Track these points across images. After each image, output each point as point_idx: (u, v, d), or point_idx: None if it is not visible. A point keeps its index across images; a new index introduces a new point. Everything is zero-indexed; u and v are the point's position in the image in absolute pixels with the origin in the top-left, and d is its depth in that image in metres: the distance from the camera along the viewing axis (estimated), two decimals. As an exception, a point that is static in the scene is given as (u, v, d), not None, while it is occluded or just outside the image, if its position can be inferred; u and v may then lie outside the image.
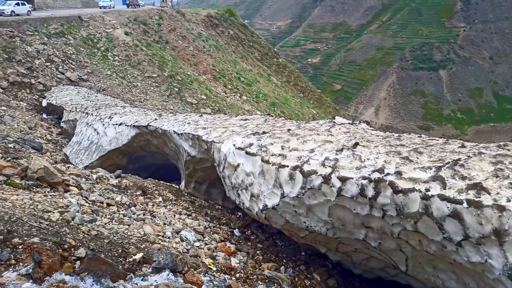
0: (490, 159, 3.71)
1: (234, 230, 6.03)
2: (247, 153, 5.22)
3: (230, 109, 24.42)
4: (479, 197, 3.12)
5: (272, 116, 9.55)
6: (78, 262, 2.66)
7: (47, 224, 2.97)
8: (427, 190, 3.42)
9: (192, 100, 23.42)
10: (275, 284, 4.41)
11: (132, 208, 4.92)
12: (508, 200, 2.98)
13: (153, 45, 27.75)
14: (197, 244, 4.49)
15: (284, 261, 5.54)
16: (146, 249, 3.25)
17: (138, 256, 3.06)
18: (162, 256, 3.10)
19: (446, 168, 3.59)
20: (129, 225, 3.95)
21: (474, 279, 3.44)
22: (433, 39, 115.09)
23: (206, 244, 4.68)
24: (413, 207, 3.46)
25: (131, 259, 3.01)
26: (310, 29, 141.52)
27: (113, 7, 37.30)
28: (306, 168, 4.43)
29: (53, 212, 3.34)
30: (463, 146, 4.39)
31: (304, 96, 44.49)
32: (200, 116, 8.66)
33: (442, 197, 3.27)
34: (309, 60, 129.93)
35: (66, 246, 2.73)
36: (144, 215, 4.75)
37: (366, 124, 6.59)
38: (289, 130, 5.85)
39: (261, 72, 38.60)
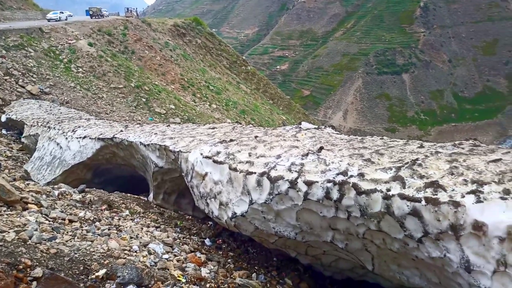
0: (446, 157, 3.87)
1: (205, 240, 5.96)
2: (214, 161, 5.20)
3: (200, 118, 24.28)
4: (436, 195, 3.25)
5: (242, 123, 9.59)
6: (34, 283, 2.54)
7: (0, 245, 2.83)
8: (388, 190, 3.52)
9: (161, 110, 23.12)
10: (247, 291, 4.39)
11: (97, 223, 4.77)
12: (463, 196, 3.12)
13: (118, 55, 27.25)
14: (165, 256, 4.40)
15: (256, 267, 5.53)
16: (110, 265, 3.15)
17: (101, 272, 2.96)
18: (127, 271, 3.02)
19: (405, 168, 3.72)
20: (92, 241, 3.82)
21: (435, 273, 3.56)
22: (395, 44, 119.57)
23: (175, 255, 4.60)
24: (375, 207, 3.55)
25: (93, 276, 2.91)
26: (278, 37, 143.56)
27: (66, 19, 35.21)
28: (273, 174, 4.46)
29: (8, 232, 3.19)
30: (421, 146, 4.56)
31: (273, 102, 44.94)
32: (167, 126, 8.56)
33: (402, 196, 3.38)
34: (278, 67, 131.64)
35: (21, 267, 2.60)
36: (109, 230, 4.62)
37: (332, 128, 6.73)
38: (256, 137, 5.88)
39: (230, 80, 38.70)
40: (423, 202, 3.24)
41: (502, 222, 2.85)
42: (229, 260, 5.42)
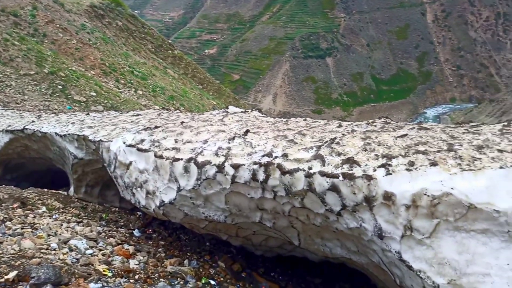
0: (361, 135, 4.15)
1: (134, 231, 5.78)
2: (139, 149, 5.00)
3: (125, 105, 23.07)
4: (352, 170, 3.48)
5: (170, 109, 9.31)
6: None
7: None
8: (310, 168, 3.70)
9: (80, 98, 21.52)
10: (178, 278, 4.37)
11: (7, 223, 4.34)
12: (374, 170, 3.38)
13: (27, 39, 24.66)
14: (89, 251, 4.18)
15: (188, 254, 5.51)
16: (23, 266, 2.91)
17: (12, 275, 2.72)
18: (42, 270, 2.81)
19: (325, 147, 3.93)
20: (1, 243, 3.49)
21: (353, 243, 3.85)
22: (318, 29, 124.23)
23: (100, 250, 4.39)
24: (299, 185, 3.71)
25: (2, 280, 2.66)
26: (205, 20, 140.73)
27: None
28: (200, 159, 4.43)
29: None
30: (340, 126, 4.84)
31: (203, 87, 44.25)
32: (86, 114, 8.02)
33: (322, 173, 3.57)
34: (206, 51, 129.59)
35: None
36: (22, 229, 4.24)
37: (258, 112, 6.83)
38: (182, 122, 5.77)
39: (156, 65, 37.20)
40: (341, 178, 3.46)
41: (408, 191, 3.15)
42: (160, 249, 5.32)
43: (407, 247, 3.19)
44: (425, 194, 3.08)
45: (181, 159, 4.54)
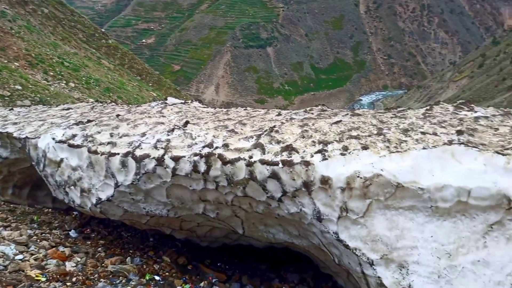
0: (299, 123, 4.27)
1: (70, 232, 5.46)
2: (70, 145, 4.70)
3: (56, 99, 21.51)
4: (291, 157, 3.57)
5: (106, 102, 8.83)
6: None
7: None
8: (250, 157, 3.73)
9: (4, 92, 19.66)
10: (120, 277, 4.22)
11: None
12: (312, 156, 3.50)
13: None
14: (19, 257, 3.88)
15: (131, 251, 5.33)
16: None
17: None
18: (-38, 283, 2.56)
19: (265, 135, 3.98)
20: None
21: (295, 227, 3.98)
22: (258, 18, 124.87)
23: (32, 254, 4.10)
24: (240, 175, 3.74)
25: None
26: (140, 8, 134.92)
27: None
28: (138, 153, 4.27)
29: None
30: (279, 114, 4.94)
31: (142, 79, 42.54)
32: (10, 110, 7.36)
33: (263, 162, 3.63)
34: (144, 40, 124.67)
35: None
36: None
37: (199, 102, 6.74)
38: (118, 115, 5.51)
39: (89, 55, 35.00)
40: (280, 165, 3.53)
41: (342, 175, 3.31)
42: (100, 248, 5.09)
43: (344, 227, 3.37)
44: (358, 177, 3.25)
45: (118, 153, 4.35)
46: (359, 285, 3.68)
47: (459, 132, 3.42)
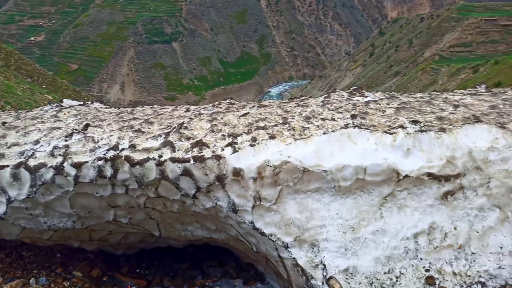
0: (207, 117, 4.26)
1: (-45, 261, 4.73)
2: None
3: None
4: (202, 152, 3.56)
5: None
6: None
7: None
8: (160, 156, 3.63)
9: None
10: (24, 302, 3.80)
11: None
12: (222, 149, 3.53)
13: None
14: None
15: (35, 271, 4.82)
16: None
17: None
18: None
19: (174, 133, 3.90)
20: None
21: (212, 222, 3.99)
22: (160, 13, 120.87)
23: None
24: (151, 175, 3.61)
25: None
26: (25, 3, 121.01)
27: None
28: (32, 163, 3.86)
29: None
30: (187, 110, 4.86)
31: (33, 81, 38.32)
32: None
33: (173, 160, 3.55)
34: (32, 38, 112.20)
35: None
36: None
37: (100, 103, 6.31)
38: (4, 123, 4.89)
39: (-37, 57, 30.41)
40: (192, 161, 3.50)
41: (253, 165, 3.40)
42: (-4, 274, 4.50)
43: (258, 215, 3.47)
44: (267, 165, 3.38)
45: (7, 165, 3.87)
46: (277, 269, 3.84)
47: (353, 116, 3.74)
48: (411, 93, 4.88)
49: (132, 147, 3.80)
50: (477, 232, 3.11)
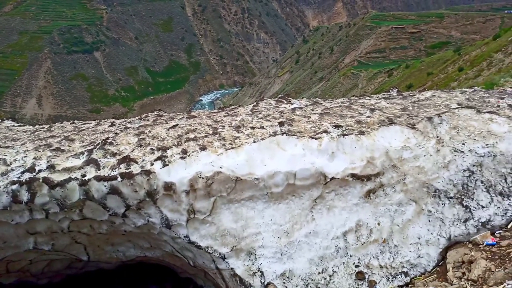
0: (134, 131, 4.10)
1: None
2: None
3: None
4: (130, 168, 3.41)
5: None
6: None
7: None
8: (83, 175, 3.41)
9: None
10: None
11: None
12: (152, 164, 3.42)
13: None
14: None
15: None
16: None
17: None
18: None
19: (98, 149, 3.69)
20: None
21: (145, 239, 3.84)
22: (79, 21, 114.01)
23: None
24: (74, 197, 3.38)
25: None
26: None
27: None
28: None
29: None
30: (112, 125, 4.63)
31: None
32: None
33: (98, 178, 3.36)
34: None
35: None
36: None
37: (12, 121, 5.77)
38: None
39: None
40: (119, 179, 3.33)
41: (185, 178, 3.34)
42: None
43: (193, 229, 3.41)
44: (200, 177, 3.34)
45: None
46: (216, 281, 3.80)
47: (281, 124, 3.86)
48: (333, 99, 5.18)
49: (51, 167, 3.51)
50: (398, 225, 3.38)
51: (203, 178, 3.34)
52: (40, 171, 3.50)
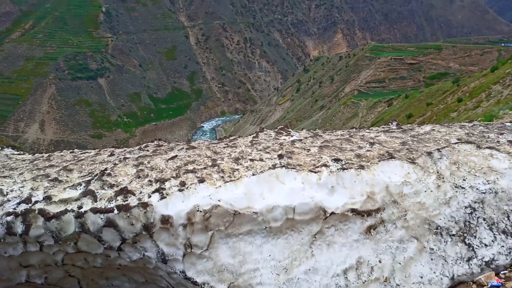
0: (133, 162, 4.09)
1: None
2: None
3: None
4: (127, 200, 3.37)
5: None
6: None
7: None
8: (80, 207, 3.36)
9: None
10: None
11: None
12: (149, 196, 3.38)
13: None
14: None
15: None
16: None
17: None
18: None
19: (95, 181, 3.66)
20: None
21: (140, 274, 3.74)
22: (84, 48, 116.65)
23: None
24: (69, 229, 3.32)
25: None
26: None
27: None
28: None
29: None
30: (112, 154, 4.63)
31: None
32: None
33: (95, 210, 3.31)
34: None
35: None
36: None
37: (12, 149, 5.77)
38: None
39: None
40: (116, 211, 3.29)
41: (183, 211, 3.29)
42: None
43: (190, 264, 3.33)
44: (198, 210, 3.29)
45: None
46: (212, 319, 3.67)
47: (280, 156, 3.85)
48: (332, 131, 5.19)
49: (48, 198, 3.47)
50: (400, 263, 3.30)
51: (201, 211, 3.29)
52: (36, 202, 3.46)
